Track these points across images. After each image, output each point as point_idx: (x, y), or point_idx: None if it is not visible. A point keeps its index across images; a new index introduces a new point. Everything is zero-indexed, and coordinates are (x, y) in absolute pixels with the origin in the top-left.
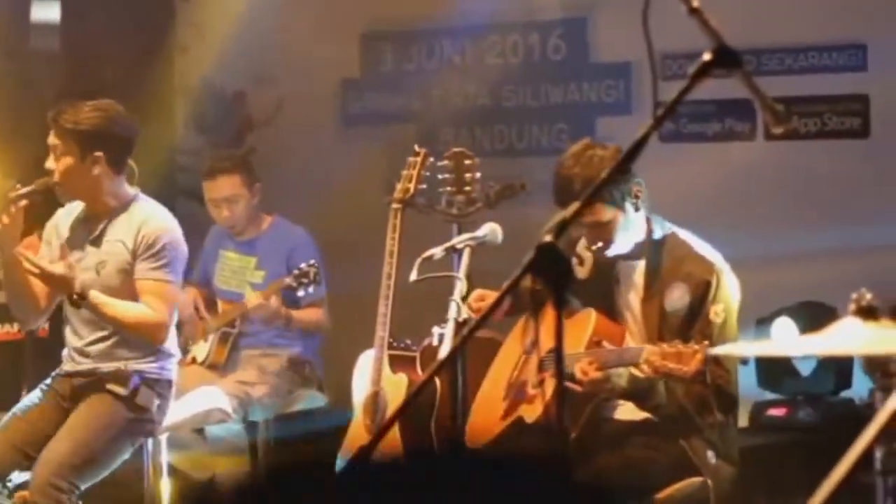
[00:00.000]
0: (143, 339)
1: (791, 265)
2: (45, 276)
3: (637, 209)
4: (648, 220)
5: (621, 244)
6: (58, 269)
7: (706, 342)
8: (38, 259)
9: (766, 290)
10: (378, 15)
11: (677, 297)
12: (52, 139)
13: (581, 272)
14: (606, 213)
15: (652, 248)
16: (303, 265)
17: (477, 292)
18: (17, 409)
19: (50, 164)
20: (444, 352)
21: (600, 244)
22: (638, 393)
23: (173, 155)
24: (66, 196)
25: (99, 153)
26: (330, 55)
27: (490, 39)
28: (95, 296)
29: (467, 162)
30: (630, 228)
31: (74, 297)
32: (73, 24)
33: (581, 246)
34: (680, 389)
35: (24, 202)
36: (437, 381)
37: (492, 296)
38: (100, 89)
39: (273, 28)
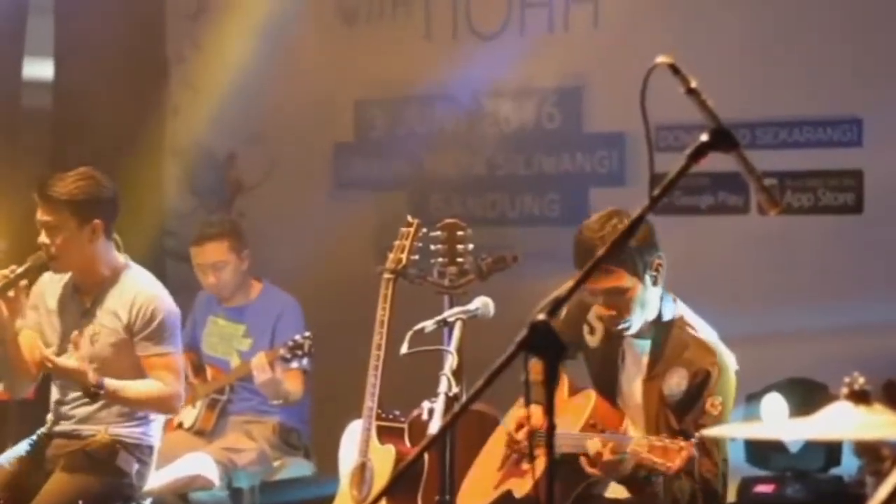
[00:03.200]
0: (159, 413)
1: (782, 341)
2: (60, 370)
3: (655, 283)
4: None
5: (635, 319)
6: (72, 362)
7: (692, 441)
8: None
9: (756, 366)
10: (372, 80)
11: (675, 383)
12: (44, 215)
13: (592, 341)
14: (627, 280)
15: (659, 330)
16: (297, 337)
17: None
18: (2, 457)
19: (43, 239)
20: (433, 426)
21: (613, 313)
22: (638, 479)
23: (163, 217)
24: (61, 270)
25: (97, 220)
26: (323, 119)
27: (484, 107)
28: (110, 383)
29: (460, 233)
30: (646, 304)
31: (91, 389)
32: (65, 83)
33: (593, 314)
34: (672, 481)
35: (24, 282)
36: (426, 454)
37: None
38: (90, 150)
39: (266, 90)
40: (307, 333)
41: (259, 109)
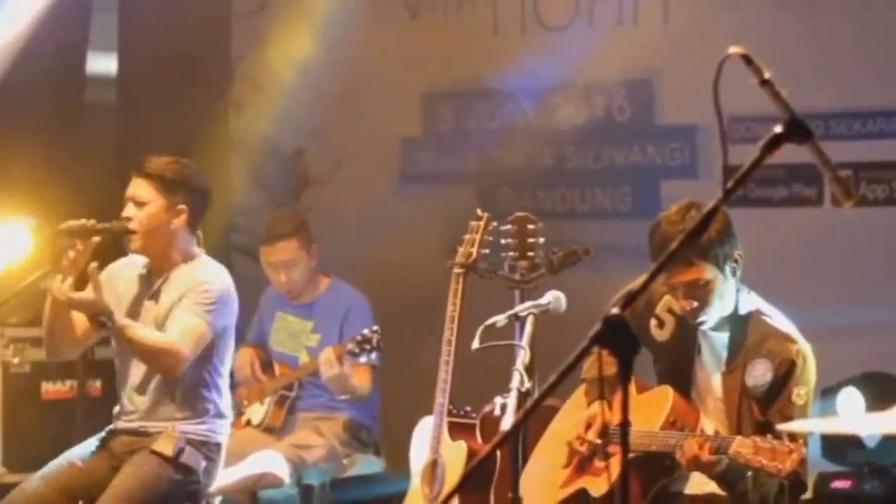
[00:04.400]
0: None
1: (856, 334)
2: (72, 301)
3: (734, 274)
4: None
5: (714, 311)
6: (86, 294)
7: (801, 441)
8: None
9: (831, 360)
10: (439, 73)
11: (759, 374)
12: (134, 189)
13: (661, 335)
14: (708, 272)
15: (736, 322)
16: (365, 331)
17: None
18: (72, 454)
19: (128, 212)
20: (506, 422)
21: (695, 304)
22: (732, 477)
23: (230, 212)
24: (137, 247)
25: (183, 206)
26: (390, 113)
27: (553, 100)
28: (120, 318)
29: (531, 226)
30: (725, 295)
31: (100, 319)
32: (129, 78)
33: (661, 307)
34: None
35: (97, 238)
36: (498, 450)
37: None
38: (155, 144)
39: (332, 85)
40: (375, 328)
41: (325, 104)
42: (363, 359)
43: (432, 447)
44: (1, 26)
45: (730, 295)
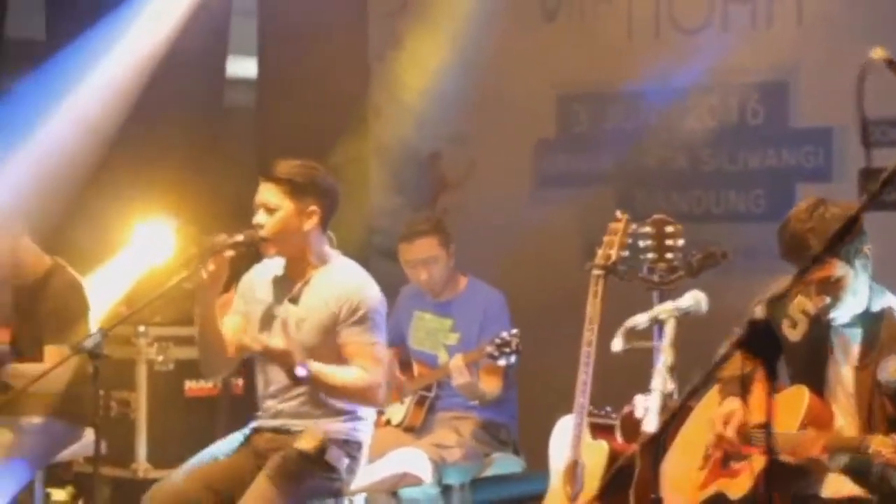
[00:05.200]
0: (360, 403)
1: None
2: (267, 351)
3: (865, 269)
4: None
5: (847, 307)
6: (279, 342)
7: None
8: (256, 332)
9: None
10: (574, 75)
11: (893, 369)
12: (263, 195)
13: (794, 335)
14: (839, 269)
15: (869, 319)
16: (504, 334)
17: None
18: (215, 451)
19: (259, 219)
20: (648, 424)
21: (827, 300)
22: (858, 469)
23: (368, 215)
24: (271, 252)
25: (314, 207)
26: (525, 115)
27: (688, 102)
28: (315, 366)
29: (669, 229)
30: (858, 292)
31: (298, 372)
32: (268, 81)
33: (795, 308)
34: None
35: (231, 252)
36: (638, 451)
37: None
38: (294, 147)
39: (469, 87)
40: (514, 331)
41: (462, 107)
42: (502, 361)
43: (573, 447)
44: (145, 32)
45: (862, 292)
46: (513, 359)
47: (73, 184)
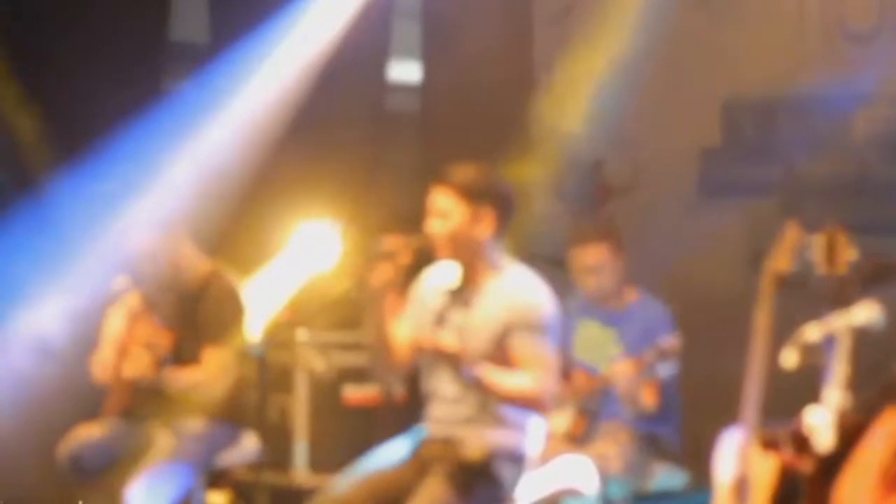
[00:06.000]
0: (528, 409)
1: None
2: (440, 350)
3: None
4: None
5: None
6: (453, 343)
7: None
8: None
9: None
10: (742, 83)
11: None
12: (437, 200)
13: None
14: None
15: None
16: (664, 343)
17: None
18: (378, 459)
19: (430, 226)
20: (820, 440)
21: None
22: None
23: (530, 221)
24: (444, 257)
25: (488, 213)
26: (690, 122)
27: (858, 111)
28: (485, 371)
29: (842, 240)
30: None
31: (467, 373)
32: (432, 86)
33: None
34: None
35: (403, 258)
36: (809, 467)
37: None
38: (457, 152)
39: (634, 93)
40: (673, 340)
41: (626, 113)
42: (661, 370)
43: (740, 461)
44: (308, 35)
45: None
46: (670, 367)
47: (235, 187)
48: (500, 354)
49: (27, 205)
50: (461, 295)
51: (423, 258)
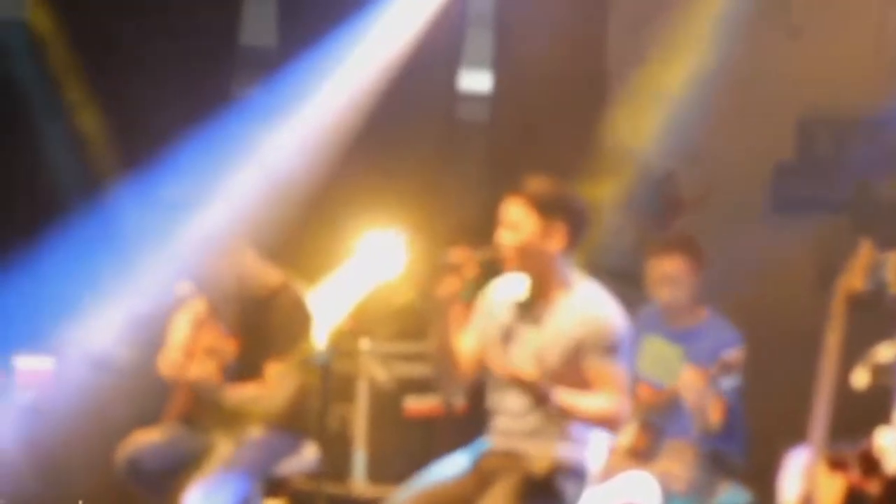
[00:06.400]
0: (602, 428)
1: None
2: (517, 381)
3: None
4: None
5: None
6: (529, 373)
7: None
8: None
9: None
10: (817, 98)
11: None
12: (509, 211)
13: None
14: None
15: None
16: (727, 355)
17: None
18: (440, 472)
19: (502, 238)
20: (890, 462)
21: None
22: None
23: (599, 233)
24: (513, 270)
25: (560, 227)
26: (764, 137)
27: None
28: (559, 393)
29: None
30: None
31: (541, 398)
32: (504, 95)
33: None
34: None
35: (470, 269)
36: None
37: None
38: (527, 163)
39: (707, 106)
40: (737, 352)
41: (699, 126)
42: (724, 383)
43: (806, 481)
44: (379, 41)
45: None
46: (734, 381)
47: (302, 195)
48: (573, 372)
49: (92, 211)
50: (531, 309)
51: (492, 269)
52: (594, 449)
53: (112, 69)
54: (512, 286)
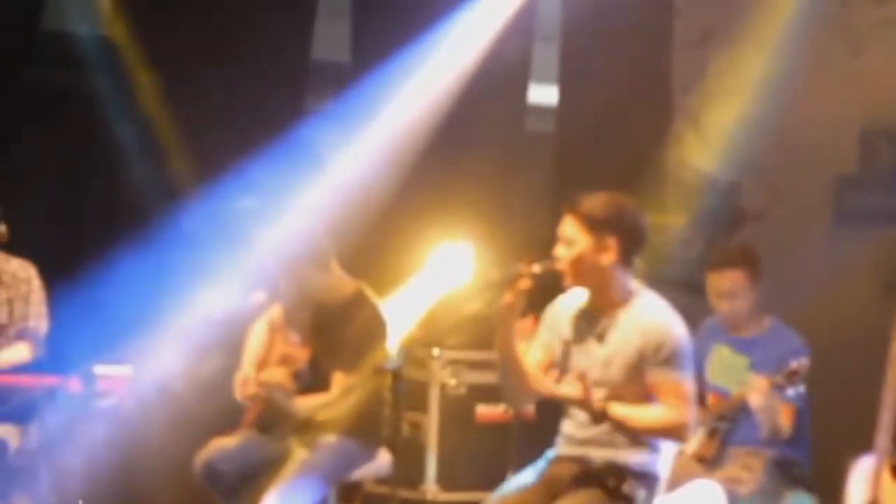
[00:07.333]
0: (668, 440)
1: None
2: (564, 397)
3: None
4: None
5: None
6: (572, 391)
7: None
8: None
9: None
10: (880, 109)
11: None
12: (564, 227)
13: None
14: None
15: None
16: (794, 363)
17: None
18: (511, 487)
19: (558, 251)
20: None
21: None
22: None
23: (663, 244)
24: (573, 284)
25: (612, 242)
26: (826, 149)
27: None
28: (616, 410)
29: None
30: None
31: (596, 414)
32: (569, 109)
33: None
34: None
35: (528, 282)
36: None
37: None
38: (592, 176)
39: (770, 119)
40: (803, 360)
41: (762, 138)
42: (790, 391)
43: (872, 488)
44: (450, 56)
45: None
46: (800, 389)
47: (375, 206)
48: (636, 384)
49: (169, 222)
50: (592, 323)
51: (557, 283)
52: (663, 456)
53: (188, 83)
54: (575, 300)
